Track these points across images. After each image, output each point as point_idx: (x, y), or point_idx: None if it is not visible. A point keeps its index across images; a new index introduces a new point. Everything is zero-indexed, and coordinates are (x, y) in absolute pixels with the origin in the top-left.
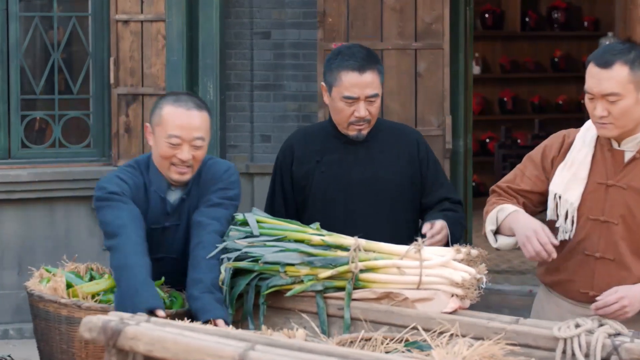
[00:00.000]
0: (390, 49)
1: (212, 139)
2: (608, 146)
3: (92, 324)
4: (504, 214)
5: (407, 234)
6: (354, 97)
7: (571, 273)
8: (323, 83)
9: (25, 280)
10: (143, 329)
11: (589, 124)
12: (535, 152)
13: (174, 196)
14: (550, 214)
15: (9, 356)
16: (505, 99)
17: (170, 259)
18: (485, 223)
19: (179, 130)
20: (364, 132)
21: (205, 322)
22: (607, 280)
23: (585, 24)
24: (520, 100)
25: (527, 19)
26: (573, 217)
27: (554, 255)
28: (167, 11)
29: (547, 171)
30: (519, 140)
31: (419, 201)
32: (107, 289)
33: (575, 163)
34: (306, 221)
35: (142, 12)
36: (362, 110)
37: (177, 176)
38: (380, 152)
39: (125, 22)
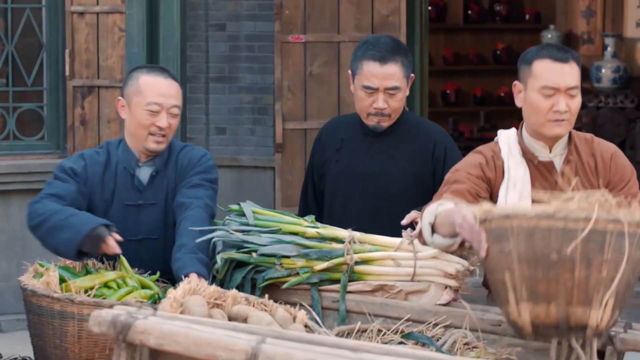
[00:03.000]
0: (347, 41)
1: None
2: (535, 160)
3: (101, 318)
4: (443, 207)
5: None
6: (373, 88)
7: None
8: (349, 71)
9: None
10: (153, 323)
11: (504, 137)
12: (471, 168)
13: (142, 173)
14: None
15: None
16: (448, 91)
17: (151, 240)
18: (422, 216)
19: (159, 97)
20: (383, 125)
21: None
22: None
23: (527, 16)
24: (463, 92)
25: (469, 12)
26: None
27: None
28: (128, 3)
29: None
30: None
31: (429, 201)
32: (101, 284)
33: (517, 182)
34: (325, 211)
35: (97, 4)
36: (380, 101)
37: (154, 145)
38: (396, 147)
39: (81, 13)
